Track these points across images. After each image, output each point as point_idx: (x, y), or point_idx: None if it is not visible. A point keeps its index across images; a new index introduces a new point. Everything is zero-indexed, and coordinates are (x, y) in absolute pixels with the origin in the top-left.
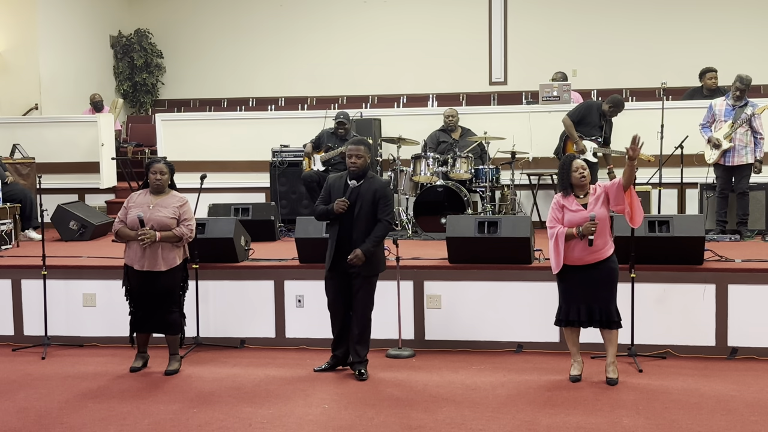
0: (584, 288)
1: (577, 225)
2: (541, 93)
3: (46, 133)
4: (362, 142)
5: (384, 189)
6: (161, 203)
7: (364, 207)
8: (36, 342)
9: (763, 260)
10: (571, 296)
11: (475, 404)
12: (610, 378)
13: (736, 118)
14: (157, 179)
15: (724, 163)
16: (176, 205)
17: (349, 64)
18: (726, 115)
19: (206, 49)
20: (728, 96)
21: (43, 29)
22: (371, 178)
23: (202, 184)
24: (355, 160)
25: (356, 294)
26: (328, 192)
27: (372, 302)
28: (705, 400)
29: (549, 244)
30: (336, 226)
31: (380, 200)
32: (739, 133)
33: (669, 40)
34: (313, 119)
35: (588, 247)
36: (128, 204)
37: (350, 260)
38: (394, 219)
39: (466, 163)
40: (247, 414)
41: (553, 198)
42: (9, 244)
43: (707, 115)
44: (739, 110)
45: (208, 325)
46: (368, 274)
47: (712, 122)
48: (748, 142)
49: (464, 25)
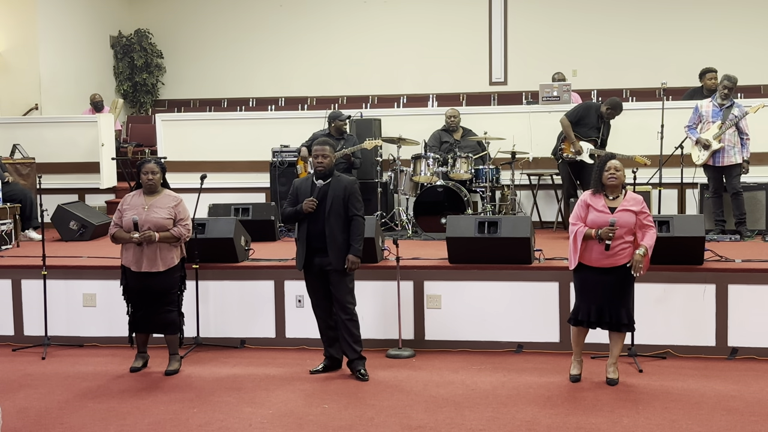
0: (598, 290)
1: (599, 227)
2: (541, 93)
3: (46, 133)
4: (327, 143)
5: (353, 185)
6: (156, 204)
7: (335, 204)
8: (36, 342)
9: (763, 260)
10: (585, 296)
11: (475, 404)
12: (610, 378)
13: (725, 118)
14: (149, 179)
15: (713, 163)
16: (171, 205)
17: (349, 64)
18: (713, 116)
19: (206, 49)
20: (714, 97)
21: (43, 29)
22: (338, 176)
23: (202, 184)
24: (321, 160)
25: (335, 291)
26: (295, 194)
27: (353, 296)
28: (705, 400)
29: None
30: (305, 225)
31: (350, 196)
32: (728, 134)
33: (669, 40)
34: (313, 119)
35: (605, 251)
36: (122, 206)
37: (349, 269)
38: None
39: (466, 163)
40: (247, 414)
41: (582, 195)
42: (9, 244)
43: (693, 117)
44: (726, 111)
45: (208, 325)
46: (340, 268)
47: (698, 123)
48: (736, 143)
49: (464, 25)
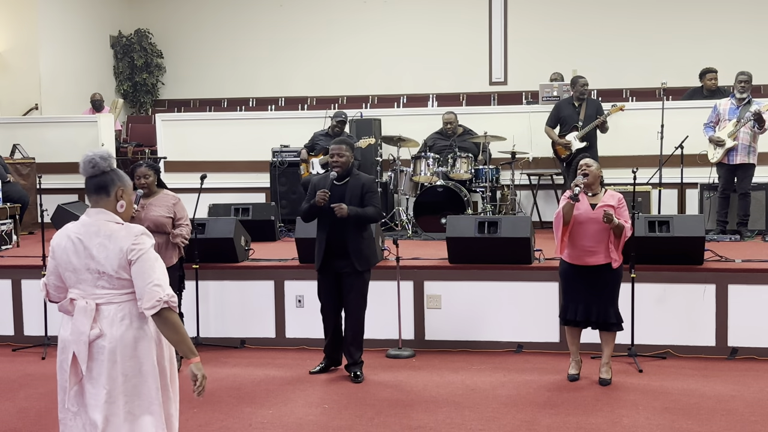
0: (584, 289)
1: (582, 222)
2: (541, 93)
3: (46, 133)
4: (344, 142)
5: (371, 183)
6: (153, 203)
7: (353, 203)
8: (36, 342)
9: (763, 260)
10: (571, 296)
11: (475, 404)
12: (602, 378)
13: (741, 116)
14: (143, 183)
15: (728, 162)
16: (170, 204)
17: (349, 64)
18: (730, 114)
19: (206, 49)
20: (732, 96)
21: (43, 29)
22: (357, 175)
23: (202, 184)
24: (337, 159)
25: (348, 294)
26: (313, 192)
27: (365, 302)
28: (705, 400)
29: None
30: (325, 226)
31: (367, 193)
32: (742, 132)
33: (669, 40)
34: (313, 119)
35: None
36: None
37: (335, 208)
38: (381, 210)
39: (466, 163)
40: (247, 414)
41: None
42: (9, 244)
43: (711, 115)
44: (744, 109)
45: (208, 325)
46: (361, 270)
47: (717, 122)
48: (751, 142)
49: (464, 25)
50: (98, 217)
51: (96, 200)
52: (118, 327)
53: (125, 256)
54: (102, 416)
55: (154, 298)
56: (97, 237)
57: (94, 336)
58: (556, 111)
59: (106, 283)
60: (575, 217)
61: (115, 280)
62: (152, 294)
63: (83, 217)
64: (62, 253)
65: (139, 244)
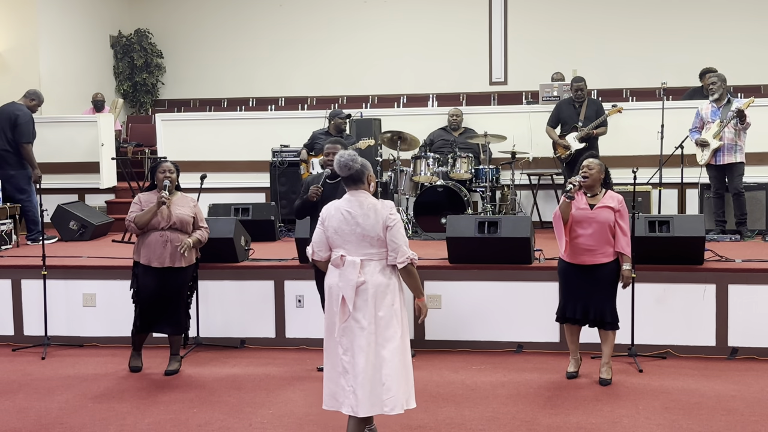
0: (582, 287)
1: (581, 222)
2: (541, 93)
3: (46, 133)
4: (339, 142)
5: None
6: (177, 202)
7: None
8: (36, 342)
9: (763, 260)
10: (569, 294)
11: (475, 404)
12: (602, 378)
13: (723, 116)
14: (167, 176)
15: (715, 162)
16: (191, 205)
17: (349, 64)
18: (713, 116)
19: (206, 49)
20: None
21: (43, 29)
22: None
23: (202, 184)
24: (332, 158)
25: None
26: (306, 189)
27: None
28: (705, 400)
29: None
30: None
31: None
32: (727, 132)
33: (669, 40)
34: (313, 119)
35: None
36: (140, 201)
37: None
38: None
39: (466, 163)
40: (247, 414)
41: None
42: (9, 244)
43: (695, 120)
44: (725, 109)
45: (208, 325)
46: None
47: (701, 126)
48: (736, 140)
49: (464, 25)
50: (359, 196)
51: (355, 188)
52: (377, 276)
53: (384, 223)
54: (365, 341)
55: (404, 255)
56: (361, 209)
57: (360, 282)
58: (557, 111)
59: (368, 243)
60: (573, 216)
61: (375, 241)
62: (404, 252)
63: (347, 195)
64: (332, 221)
65: (393, 214)
